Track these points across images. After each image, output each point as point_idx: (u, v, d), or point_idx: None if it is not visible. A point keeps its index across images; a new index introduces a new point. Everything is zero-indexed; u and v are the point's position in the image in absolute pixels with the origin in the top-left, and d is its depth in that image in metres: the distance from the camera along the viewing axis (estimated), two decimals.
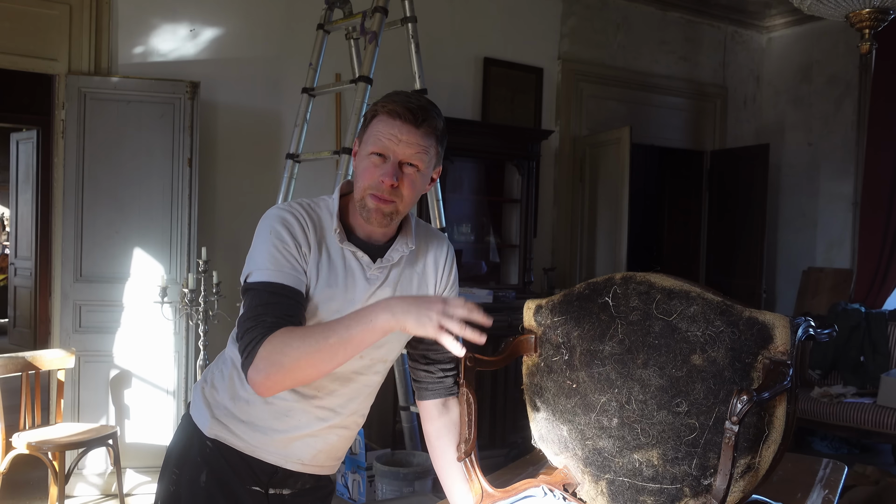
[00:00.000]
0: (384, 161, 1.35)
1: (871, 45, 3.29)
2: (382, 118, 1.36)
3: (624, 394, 1.41)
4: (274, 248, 1.33)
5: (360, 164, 1.39)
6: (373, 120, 1.38)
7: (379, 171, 1.35)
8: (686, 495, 1.34)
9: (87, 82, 3.86)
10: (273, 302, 1.29)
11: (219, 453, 1.46)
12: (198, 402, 1.51)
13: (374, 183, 1.35)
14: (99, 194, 3.84)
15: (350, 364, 1.41)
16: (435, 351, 1.53)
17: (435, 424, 1.54)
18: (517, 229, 5.02)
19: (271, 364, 1.23)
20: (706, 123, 6.45)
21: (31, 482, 3.91)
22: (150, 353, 3.90)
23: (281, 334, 1.24)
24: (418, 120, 1.35)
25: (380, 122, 1.36)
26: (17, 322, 7.84)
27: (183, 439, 1.52)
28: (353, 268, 1.41)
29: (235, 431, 1.45)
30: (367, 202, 1.36)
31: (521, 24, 5.36)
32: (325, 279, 1.38)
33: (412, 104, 1.35)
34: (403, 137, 1.34)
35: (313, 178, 4.21)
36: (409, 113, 1.34)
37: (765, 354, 1.26)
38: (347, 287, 1.40)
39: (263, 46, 4.39)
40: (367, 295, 1.41)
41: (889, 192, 5.52)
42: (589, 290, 1.51)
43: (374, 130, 1.37)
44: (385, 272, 1.44)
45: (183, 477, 1.48)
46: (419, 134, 1.35)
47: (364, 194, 1.37)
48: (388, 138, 1.34)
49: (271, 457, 1.47)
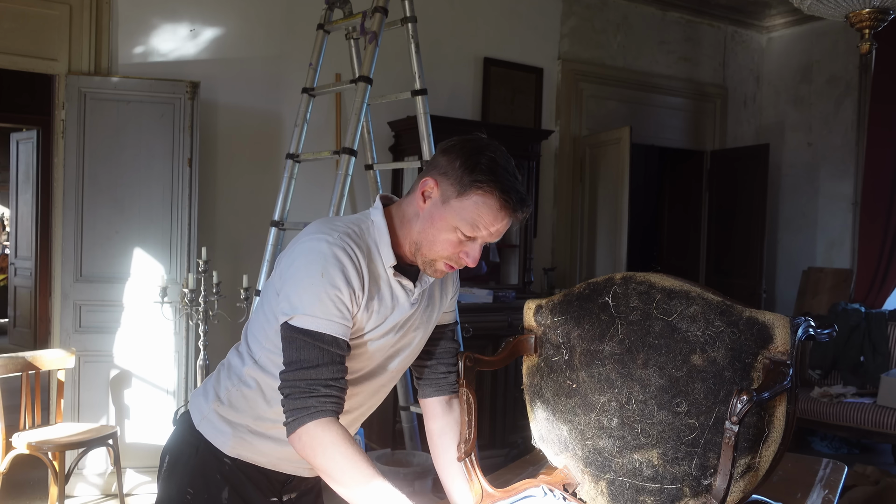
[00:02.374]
0: (471, 241, 1.32)
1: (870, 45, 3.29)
2: (489, 202, 1.28)
3: (624, 394, 1.41)
4: (325, 294, 1.25)
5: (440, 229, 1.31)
6: (476, 193, 1.28)
7: (461, 249, 1.33)
8: (686, 495, 1.34)
9: (87, 82, 3.86)
10: (323, 362, 1.25)
11: (238, 470, 1.45)
12: (212, 420, 1.45)
13: (454, 257, 1.34)
14: (99, 194, 3.84)
15: (382, 379, 1.46)
16: (440, 347, 1.55)
17: (438, 423, 1.55)
18: (517, 229, 5.02)
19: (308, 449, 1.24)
20: (706, 123, 6.45)
21: (31, 482, 3.91)
22: (150, 353, 3.90)
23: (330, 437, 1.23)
24: (523, 212, 1.31)
25: (486, 205, 1.28)
26: (17, 322, 7.84)
27: (193, 457, 1.47)
28: (398, 295, 1.39)
29: (260, 449, 1.44)
30: (437, 266, 1.35)
31: (521, 24, 5.36)
32: (376, 314, 1.35)
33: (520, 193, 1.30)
34: (500, 229, 1.32)
35: (313, 178, 4.21)
36: (519, 207, 1.30)
37: (765, 354, 1.26)
38: (394, 316, 1.39)
39: (263, 46, 4.39)
40: (409, 317, 1.42)
41: (889, 192, 5.52)
42: (589, 290, 1.51)
43: (475, 210, 1.29)
44: (423, 294, 1.44)
45: (200, 496, 1.44)
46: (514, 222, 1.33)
47: (436, 258, 1.34)
48: (488, 230, 1.30)
49: (290, 467, 1.48)
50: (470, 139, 1.33)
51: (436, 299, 1.49)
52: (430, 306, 1.48)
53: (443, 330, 1.55)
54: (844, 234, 6.04)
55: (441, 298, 1.51)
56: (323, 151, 3.70)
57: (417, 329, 1.45)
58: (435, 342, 1.55)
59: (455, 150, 1.31)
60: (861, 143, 5.81)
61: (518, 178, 1.30)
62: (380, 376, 1.45)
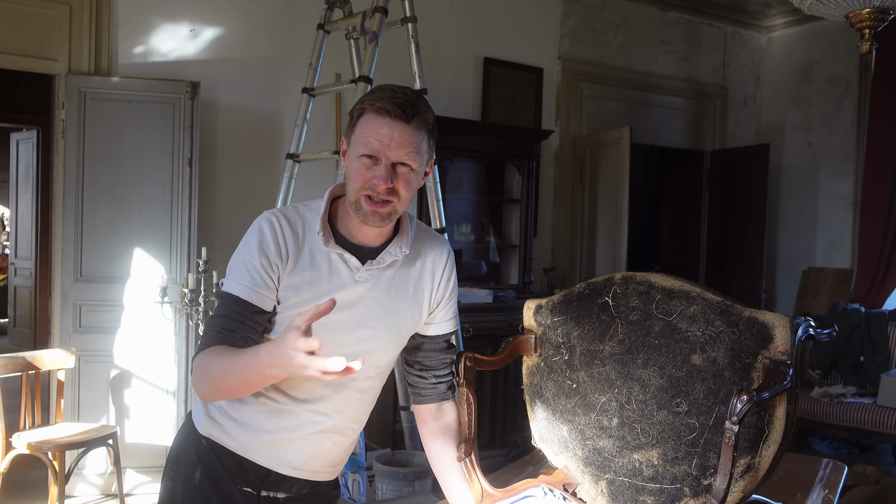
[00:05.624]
0: (376, 163, 1.30)
1: (871, 45, 3.29)
2: (370, 116, 1.31)
3: (624, 394, 1.41)
4: (241, 261, 1.36)
5: (350, 166, 1.34)
6: (360, 118, 1.33)
7: (371, 174, 1.31)
8: (686, 495, 1.34)
9: (87, 82, 3.86)
10: (225, 315, 1.34)
11: (211, 452, 1.45)
12: (197, 401, 1.51)
13: (368, 185, 1.31)
14: (99, 194, 3.84)
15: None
16: (430, 358, 1.54)
17: (429, 428, 1.55)
18: (517, 229, 5.02)
19: (198, 380, 1.31)
20: (706, 123, 6.45)
21: (31, 482, 3.91)
22: (151, 353, 3.90)
23: (206, 354, 1.30)
24: (408, 116, 1.29)
25: (368, 121, 1.31)
26: (17, 322, 7.84)
27: (182, 437, 1.53)
28: (339, 270, 1.38)
29: (228, 430, 1.44)
30: (362, 205, 1.33)
31: (521, 24, 5.36)
32: (306, 284, 1.36)
33: (400, 99, 1.29)
34: (395, 137, 1.29)
35: (313, 178, 4.21)
36: (399, 109, 1.29)
37: (765, 354, 1.26)
38: (332, 289, 1.36)
39: (263, 46, 4.39)
40: (357, 297, 1.39)
41: (889, 192, 5.52)
42: (589, 290, 1.51)
43: (362, 130, 1.31)
44: (376, 275, 1.40)
45: (180, 474, 1.48)
46: (410, 130, 1.30)
47: (358, 196, 1.32)
48: (378, 139, 1.29)
49: (263, 459, 1.45)
50: None
51: (407, 292, 1.44)
52: (395, 296, 1.43)
53: (435, 340, 1.53)
54: (844, 234, 6.04)
55: (415, 295, 1.46)
56: (323, 151, 3.70)
57: (376, 317, 1.41)
58: (426, 353, 1.53)
59: None
60: (861, 143, 5.81)
61: (404, 92, 1.32)
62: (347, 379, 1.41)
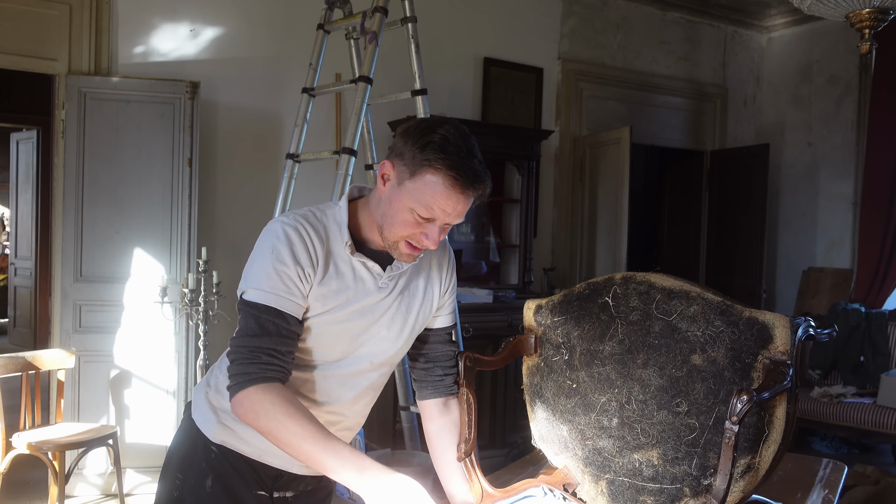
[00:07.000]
0: (429, 221, 1.30)
1: (871, 45, 3.29)
2: (438, 180, 1.26)
3: (624, 394, 1.41)
4: (273, 270, 1.30)
5: (398, 211, 1.30)
6: (426, 173, 1.26)
7: (421, 230, 1.31)
8: (686, 495, 1.34)
9: (87, 82, 3.86)
10: (266, 332, 1.29)
11: (224, 458, 1.45)
12: (201, 407, 1.49)
13: (414, 237, 1.32)
14: (99, 194, 3.84)
15: (359, 366, 1.42)
16: (435, 350, 1.54)
17: (436, 424, 1.54)
18: (517, 229, 5.02)
19: (250, 413, 1.26)
20: (706, 123, 6.45)
21: (31, 482, 3.91)
22: (151, 353, 3.90)
23: (272, 398, 1.25)
24: (476, 189, 1.28)
25: (436, 186, 1.26)
26: (17, 322, 7.85)
27: (186, 443, 1.50)
28: (363, 277, 1.38)
29: (242, 436, 1.44)
30: (400, 247, 1.34)
31: (521, 24, 5.36)
32: (333, 293, 1.35)
33: (474, 169, 1.26)
34: (459, 209, 1.29)
35: (313, 178, 4.21)
36: (470, 184, 1.26)
37: (765, 354, 1.26)
38: (358, 297, 1.38)
39: (263, 46, 4.39)
40: (379, 302, 1.40)
41: (889, 192, 5.52)
42: (589, 290, 1.51)
43: (427, 191, 1.27)
44: (395, 280, 1.42)
45: (187, 482, 1.46)
46: (471, 199, 1.29)
47: (398, 240, 1.33)
48: (443, 210, 1.28)
49: (277, 461, 1.46)
50: (426, 119, 1.34)
51: (419, 293, 1.47)
52: (410, 298, 1.45)
53: (439, 333, 1.54)
54: (844, 234, 6.04)
55: (426, 294, 1.48)
56: (323, 151, 3.70)
57: (393, 319, 1.43)
58: (431, 345, 1.54)
59: (409, 131, 1.31)
60: (861, 143, 5.81)
61: (474, 155, 1.28)
62: (354, 366, 1.42)
